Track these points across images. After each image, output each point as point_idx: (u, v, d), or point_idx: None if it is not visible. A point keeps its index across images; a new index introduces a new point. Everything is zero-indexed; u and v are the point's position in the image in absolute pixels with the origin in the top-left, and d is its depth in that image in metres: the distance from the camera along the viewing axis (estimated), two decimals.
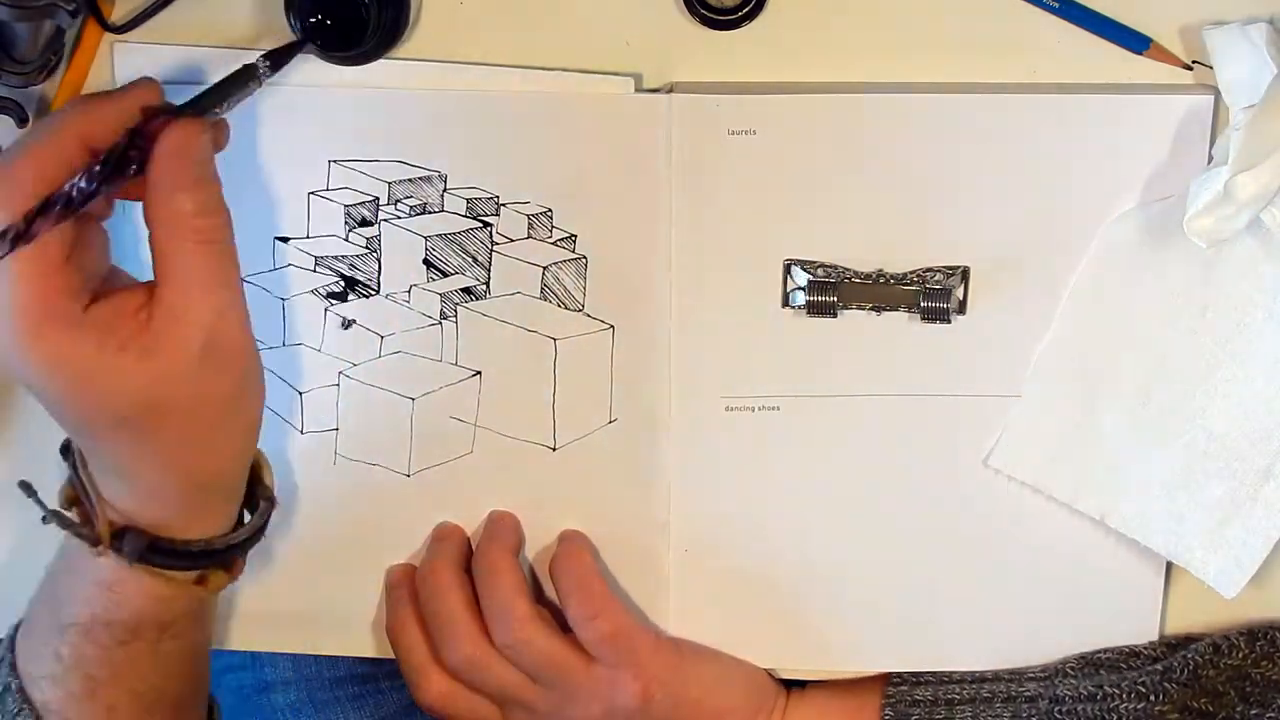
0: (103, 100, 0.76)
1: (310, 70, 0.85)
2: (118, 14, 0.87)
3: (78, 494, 0.81)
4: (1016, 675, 0.93)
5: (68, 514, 0.81)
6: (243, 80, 0.80)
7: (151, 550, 0.79)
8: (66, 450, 0.82)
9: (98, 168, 0.73)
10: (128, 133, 0.74)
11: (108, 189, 0.74)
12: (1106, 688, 0.89)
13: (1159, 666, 0.89)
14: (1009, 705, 0.91)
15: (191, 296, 0.74)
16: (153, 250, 0.75)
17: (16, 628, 0.85)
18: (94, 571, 0.80)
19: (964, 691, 0.92)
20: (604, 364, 0.90)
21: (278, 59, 0.81)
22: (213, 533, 0.81)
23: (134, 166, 0.74)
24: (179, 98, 0.81)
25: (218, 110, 0.79)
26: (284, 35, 0.84)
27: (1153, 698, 0.87)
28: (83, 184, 0.72)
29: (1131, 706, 0.88)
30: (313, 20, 0.83)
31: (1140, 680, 0.88)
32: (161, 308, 0.74)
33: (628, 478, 0.91)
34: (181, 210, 0.74)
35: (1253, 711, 0.87)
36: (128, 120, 0.75)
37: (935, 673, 0.94)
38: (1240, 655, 0.88)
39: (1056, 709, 0.89)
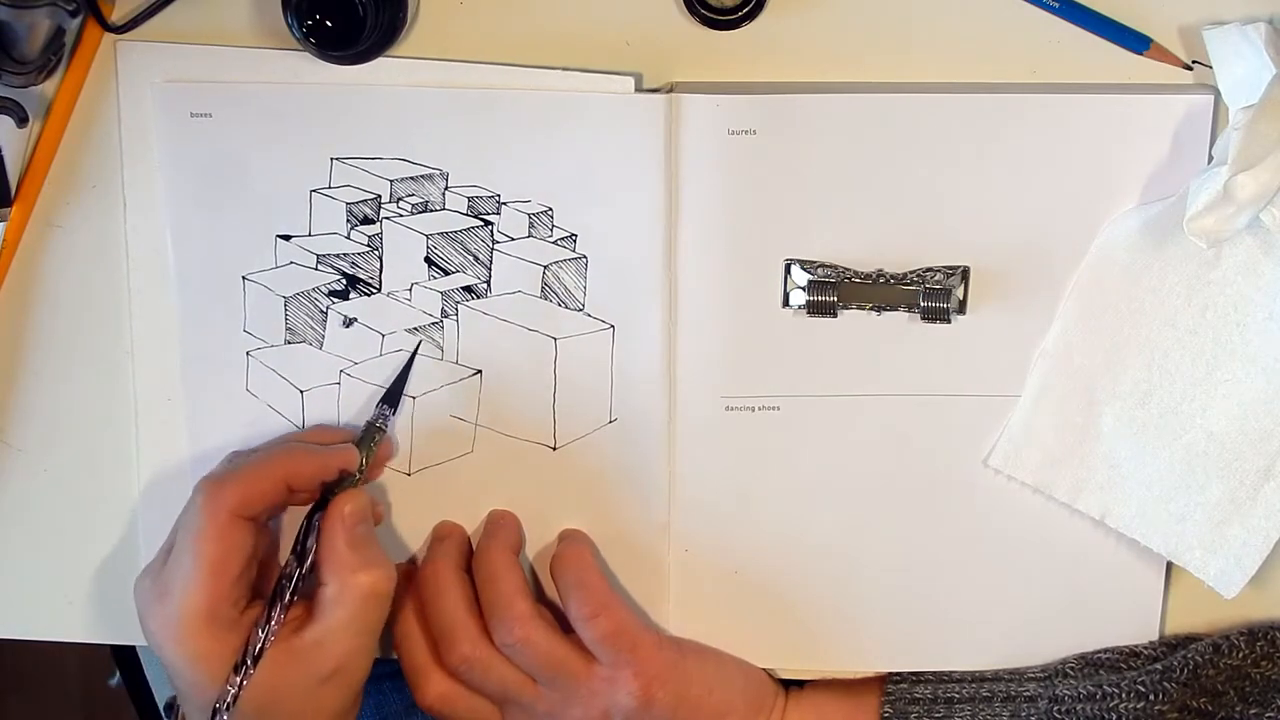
0: (311, 455, 0.87)
1: (311, 69, 0.85)
2: (118, 14, 0.87)
3: None
4: (1016, 675, 0.93)
5: None
6: (371, 436, 0.89)
7: None
8: (169, 709, 0.91)
9: (297, 554, 0.86)
10: (309, 524, 0.87)
11: (306, 565, 0.86)
12: (1106, 687, 0.89)
13: (1159, 666, 0.89)
14: (1008, 704, 0.91)
15: (339, 638, 0.85)
16: (318, 590, 0.86)
17: None
18: None
19: (963, 690, 0.92)
20: (604, 363, 0.90)
21: (393, 397, 0.90)
22: None
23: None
24: (180, 96, 0.81)
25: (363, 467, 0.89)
26: (283, 35, 0.84)
27: (1152, 697, 0.87)
28: (292, 571, 0.86)
29: (1131, 706, 0.88)
30: (310, 21, 0.83)
31: (1140, 680, 0.88)
32: (311, 636, 0.85)
33: (628, 478, 0.91)
34: (348, 564, 0.85)
35: (1252, 711, 0.87)
36: (327, 475, 0.87)
37: (934, 672, 0.94)
38: (1240, 655, 0.88)
39: (1056, 708, 0.89)
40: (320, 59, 0.84)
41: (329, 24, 0.83)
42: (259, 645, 0.83)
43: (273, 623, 0.84)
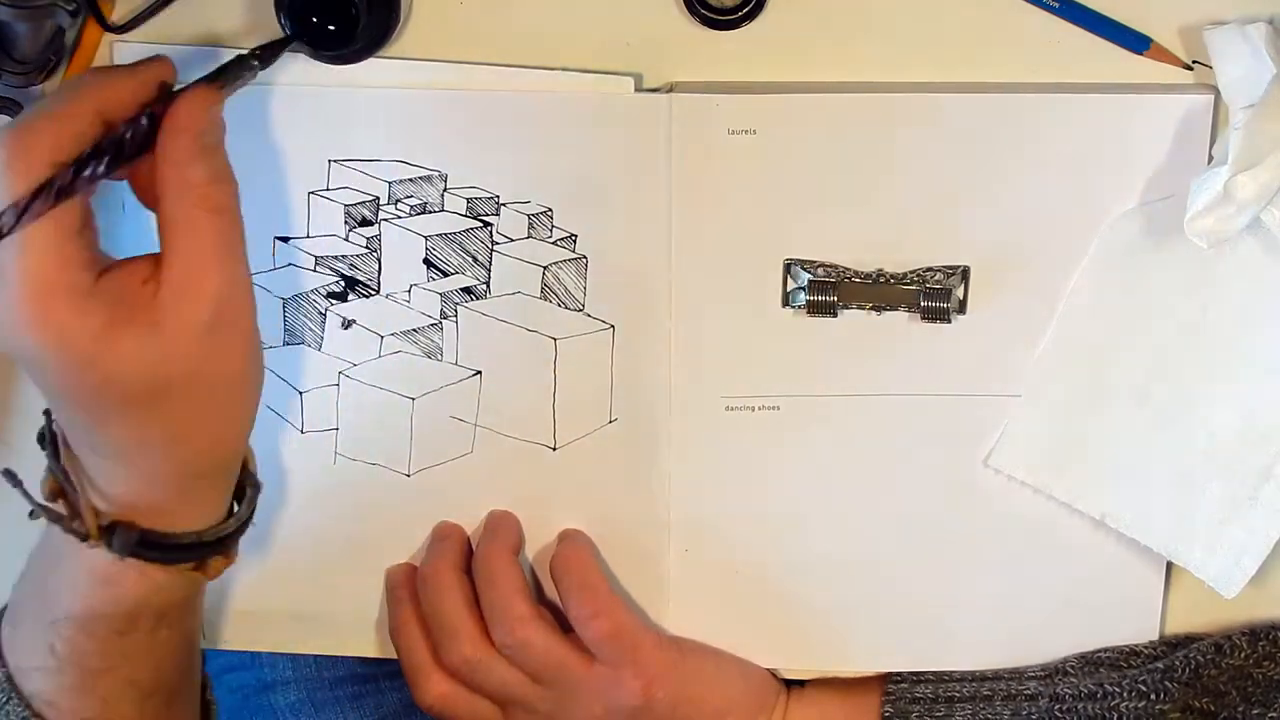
0: (120, 74, 0.73)
1: (310, 70, 0.85)
2: (118, 14, 0.87)
3: (61, 485, 0.77)
4: (1017, 674, 0.93)
5: (54, 507, 0.77)
6: (238, 68, 0.77)
7: (142, 544, 0.76)
8: (43, 439, 0.78)
9: (112, 146, 0.71)
10: (147, 115, 0.73)
11: (123, 167, 0.73)
12: (1107, 686, 0.89)
13: (1160, 665, 0.89)
14: (1009, 703, 0.91)
15: (202, 267, 0.72)
16: (161, 222, 0.72)
17: None
18: (84, 563, 0.77)
19: (964, 689, 0.92)
20: (604, 364, 0.90)
21: (268, 54, 0.79)
22: (206, 523, 0.78)
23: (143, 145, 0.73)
24: None
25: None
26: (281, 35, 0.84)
27: (1154, 696, 0.87)
28: (100, 167, 0.70)
29: (1132, 705, 0.88)
30: (303, 19, 0.83)
31: (1141, 679, 0.88)
32: (170, 280, 0.71)
33: (628, 478, 0.91)
34: (193, 178, 0.72)
35: (1255, 711, 0.87)
36: (144, 95, 0.73)
37: (935, 671, 0.94)
38: (1242, 655, 0.88)
39: (1057, 707, 0.89)
40: (313, 59, 0.84)
41: (321, 23, 0.83)
42: (73, 181, 0.69)
43: (88, 169, 0.70)
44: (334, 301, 0.90)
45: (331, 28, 0.83)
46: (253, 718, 1.05)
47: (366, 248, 0.89)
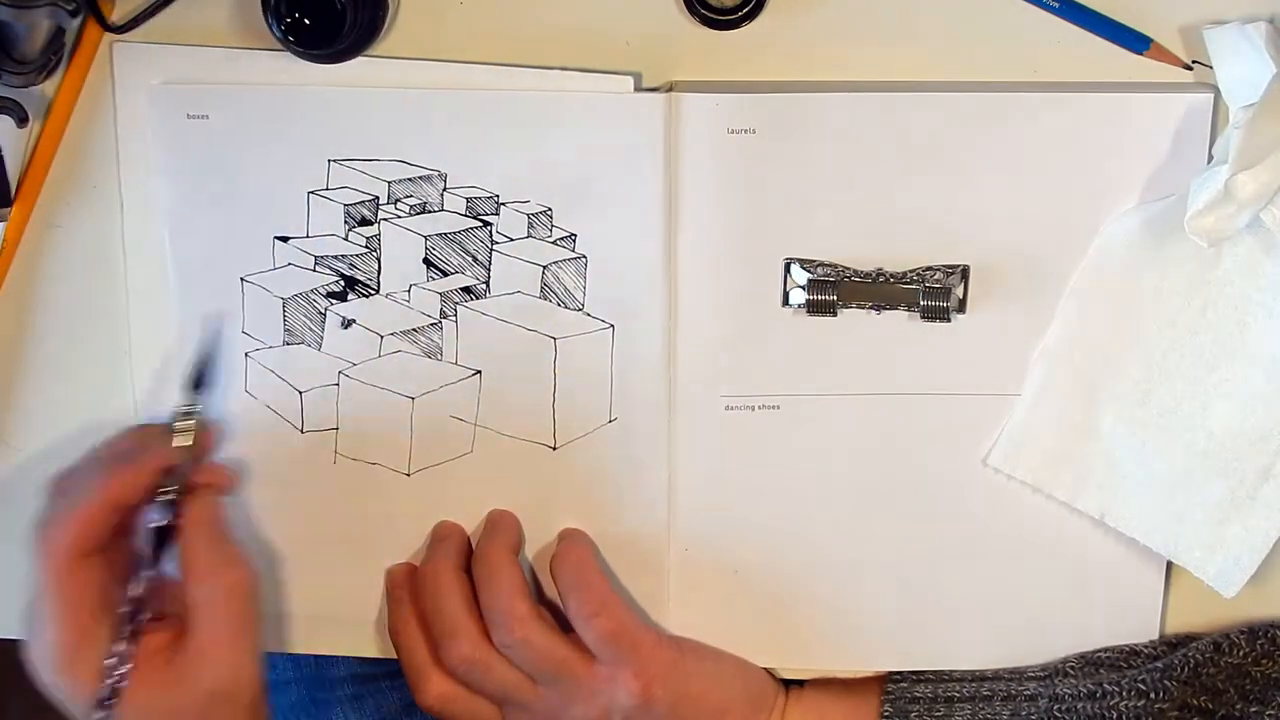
0: (126, 468, 0.86)
1: (310, 70, 0.85)
2: (118, 14, 0.87)
3: None
4: (1016, 674, 0.93)
5: None
6: (184, 425, 0.89)
7: None
8: None
9: (144, 575, 0.85)
10: (155, 537, 0.86)
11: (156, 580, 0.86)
12: (1106, 685, 0.89)
13: (1159, 664, 0.89)
14: (1009, 703, 0.91)
15: (218, 642, 0.84)
16: (185, 600, 0.85)
17: None
18: None
19: (964, 689, 0.92)
20: (604, 363, 0.90)
21: (200, 384, 0.89)
22: None
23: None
24: (177, 98, 0.81)
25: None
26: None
27: (1153, 695, 0.87)
28: (138, 592, 0.85)
29: (1131, 704, 0.88)
30: (289, 20, 0.83)
31: (1140, 678, 0.88)
32: (189, 649, 0.83)
33: (628, 477, 0.91)
34: (208, 565, 0.84)
35: (1253, 709, 0.87)
36: (150, 482, 0.86)
37: (935, 671, 0.94)
38: (1241, 653, 0.88)
39: (1056, 707, 0.89)
40: (300, 58, 0.84)
41: (308, 22, 0.83)
42: (115, 679, 0.83)
43: (125, 648, 0.84)
44: (334, 301, 0.90)
45: (319, 27, 0.83)
46: None
47: (366, 247, 0.89)
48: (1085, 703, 0.89)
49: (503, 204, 0.88)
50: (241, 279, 0.89)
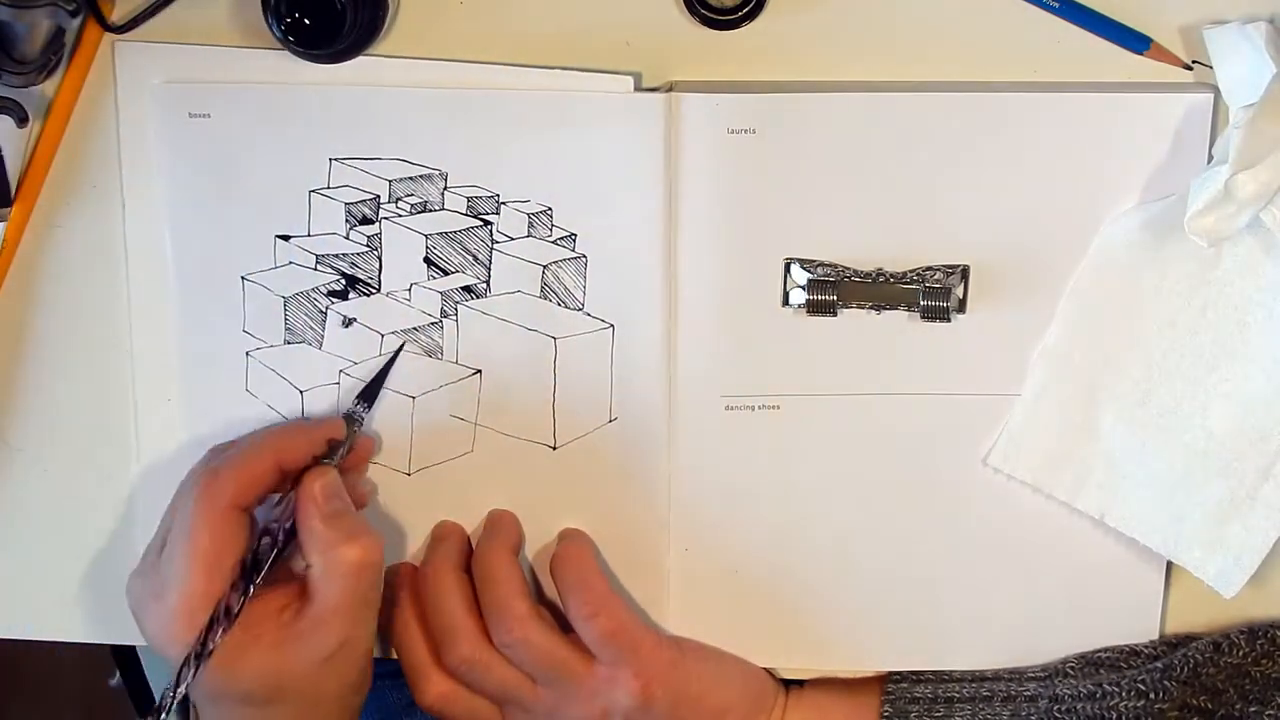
0: (297, 430, 0.88)
1: (311, 69, 0.86)
2: (118, 14, 0.87)
3: None
4: (1016, 674, 0.93)
5: None
6: (350, 428, 0.89)
7: None
8: (184, 705, 0.87)
9: (283, 529, 0.86)
10: (291, 508, 0.86)
11: (283, 554, 0.86)
12: (1106, 686, 0.89)
13: (1159, 665, 0.89)
14: (1008, 704, 0.91)
15: (335, 615, 0.84)
16: (309, 572, 0.85)
17: None
18: None
19: (963, 690, 0.92)
20: (604, 363, 0.90)
21: (370, 394, 0.90)
22: None
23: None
24: (179, 97, 0.82)
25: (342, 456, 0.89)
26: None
27: (1153, 695, 0.87)
28: (277, 540, 0.86)
29: (1131, 705, 0.88)
30: (289, 20, 0.83)
31: (1140, 679, 0.88)
32: (308, 617, 0.84)
33: (628, 477, 0.91)
34: (327, 540, 0.85)
35: (1252, 709, 0.87)
36: (316, 450, 0.87)
37: (935, 671, 0.94)
38: (1240, 653, 0.88)
39: (1056, 708, 0.89)
40: (300, 58, 0.84)
41: (308, 22, 0.83)
42: (238, 604, 0.83)
43: (255, 579, 0.84)
44: (335, 300, 0.90)
45: (319, 27, 0.83)
46: None
47: (367, 246, 0.89)
48: (1085, 703, 0.89)
49: (503, 203, 0.88)
50: (242, 278, 0.89)
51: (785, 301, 0.88)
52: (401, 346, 0.90)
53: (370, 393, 0.90)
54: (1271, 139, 0.79)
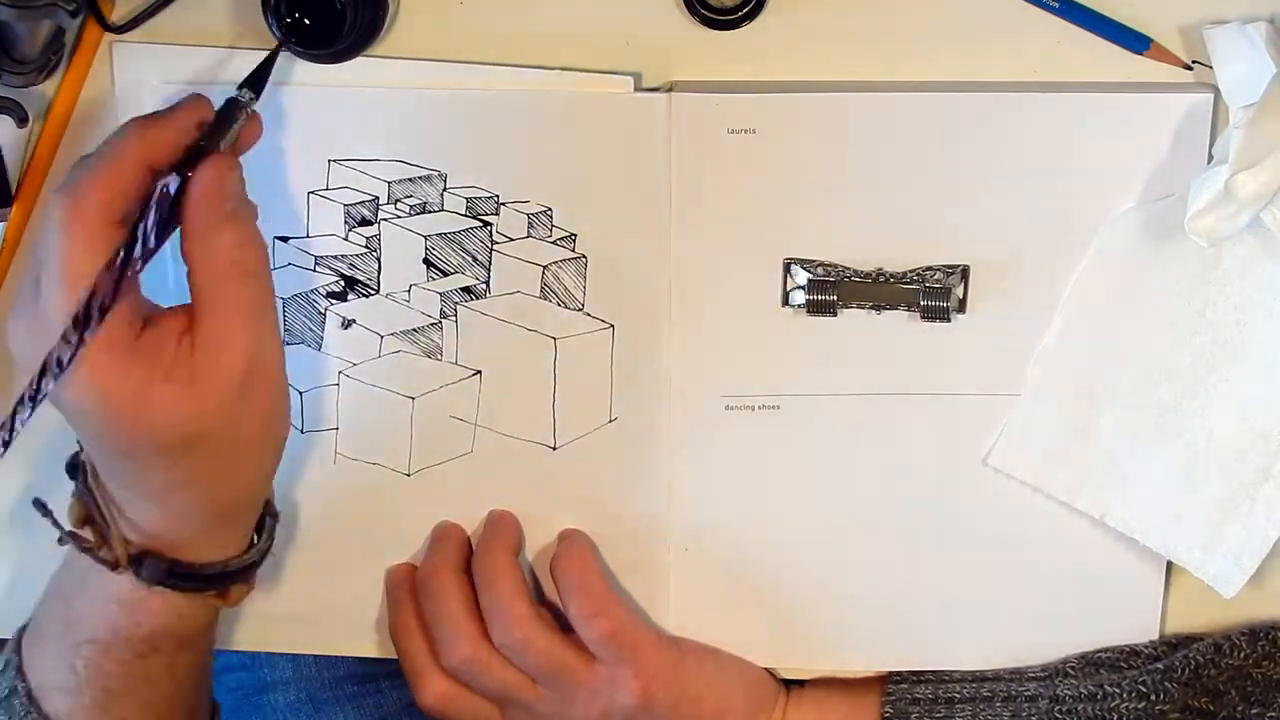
0: (159, 121, 0.77)
1: (310, 70, 0.85)
2: (118, 14, 0.87)
3: (90, 513, 0.80)
4: (1017, 674, 0.93)
5: (83, 534, 0.80)
6: (231, 115, 0.79)
7: (170, 574, 0.80)
8: (74, 468, 0.82)
9: (153, 228, 0.75)
10: (179, 186, 0.76)
11: (164, 240, 0.75)
12: (1107, 687, 0.89)
13: (1160, 666, 0.89)
14: (1009, 704, 0.91)
15: (233, 327, 0.75)
16: (192, 284, 0.76)
17: (21, 632, 0.85)
18: (110, 589, 0.80)
19: (964, 690, 0.92)
20: (604, 363, 0.90)
21: (256, 82, 0.81)
22: (229, 554, 0.82)
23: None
24: (177, 98, 0.82)
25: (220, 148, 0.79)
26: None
27: (1154, 697, 0.87)
28: (149, 244, 0.75)
29: (1132, 706, 0.88)
30: (289, 20, 0.83)
31: (1141, 679, 0.88)
32: (204, 338, 0.75)
33: (628, 477, 0.91)
34: (220, 245, 0.75)
35: (1254, 711, 0.87)
36: (185, 139, 0.77)
37: (936, 671, 0.94)
38: (1242, 655, 0.88)
39: (1057, 708, 0.89)
40: (301, 58, 0.84)
41: (308, 22, 0.83)
42: (72, 348, 0.72)
43: (93, 316, 0.73)
44: (334, 301, 0.90)
45: (319, 27, 0.83)
46: (253, 717, 1.05)
47: (366, 247, 0.89)
48: (1086, 704, 0.89)
49: (503, 204, 0.88)
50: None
51: (785, 302, 0.88)
52: (279, 46, 0.83)
53: (257, 79, 0.81)
54: (1272, 139, 0.79)
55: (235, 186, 0.77)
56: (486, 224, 0.88)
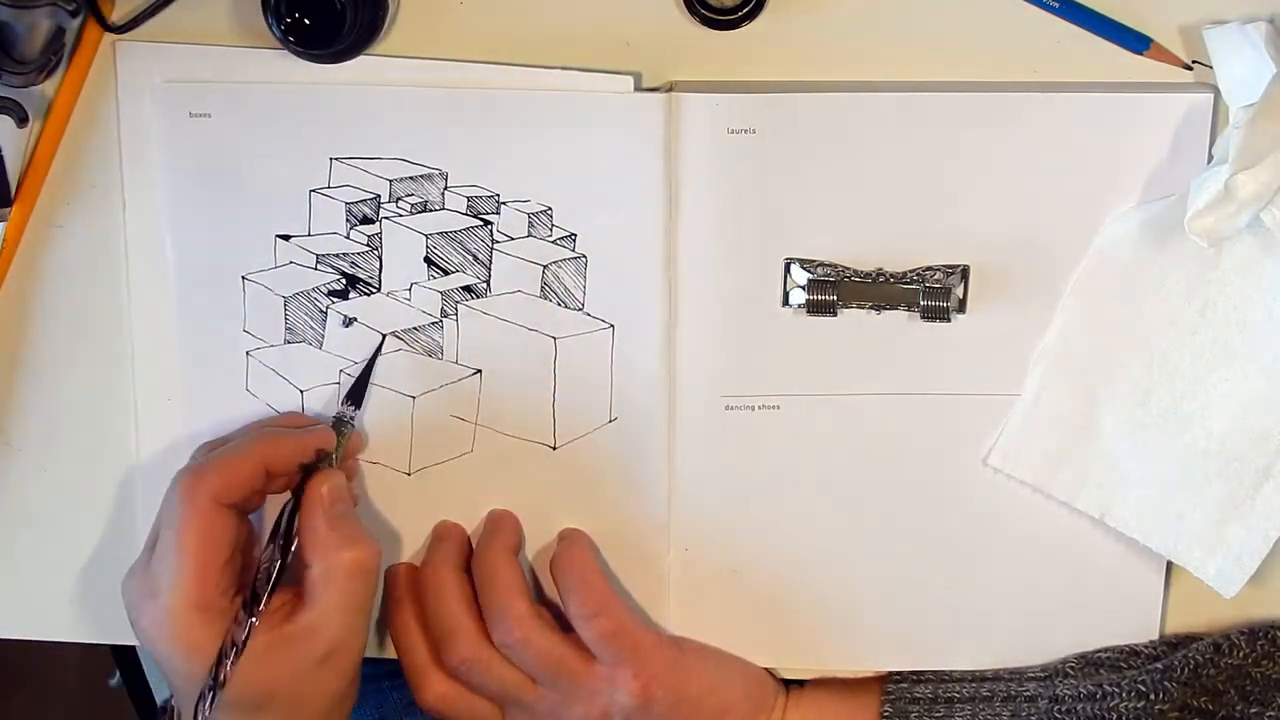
0: (287, 439, 0.87)
1: (312, 69, 0.86)
2: (118, 14, 0.87)
3: None
4: (1016, 674, 0.93)
5: None
6: (339, 428, 0.89)
7: None
8: (165, 712, 0.89)
9: (281, 542, 0.86)
10: (293, 507, 0.87)
11: (290, 552, 0.86)
12: (1106, 686, 0.89)
13: (1159, 665, 0.89)
14: (1008, 704, 0.91)
15: (331, 619, 0.85)
16: (306, 576, 0.85)
17: None
18: None
19: (964, 690, 0.92)
20: (604, 363, 0.90)
21: (357, 395, 0.90)
22: None
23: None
24: (179, 96, 0.81)
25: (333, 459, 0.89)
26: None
27: (1153, 696, 0.87)
28: (277, 558, 0.86)
29: (1131, 705, 0.88)
30: (289, 20, 0.83)
31: (1140, 679, 0.88)
32: (302, 621, 0.84)
33: (628, 477, 0.91)
34: (330, 545, 0.85)
35: (1253, 710, 0.87)
36: (303, 458, 0.87)
37: (935, 671, 0.94)
38: (1241, 654, 0.88)
39: (1056, 708, 0.89)
40: (301, 58, 0.84)
41: (308, 22, 0.83)
42: (244, 634, 0.83)
43: (258, 608, 0.84)
44: (335, 299, 0.90)
45: (318, 27, 0.83)
46: None
47: (367, 246, 0.89)
48: (1085, 704, 0.89)
49: (503, 203, 0.88)
50: (243, 277, 0.89)
51: (785, 301, 0.88)
52: (383, 341, 0.90)
53: (357, 393, 0.90)
54: (1272, 139, 0.79)
55: (341, 494, 0.87)
56: (487, 223, 0.88)
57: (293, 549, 0.86)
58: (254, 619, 0.83)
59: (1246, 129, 0.79)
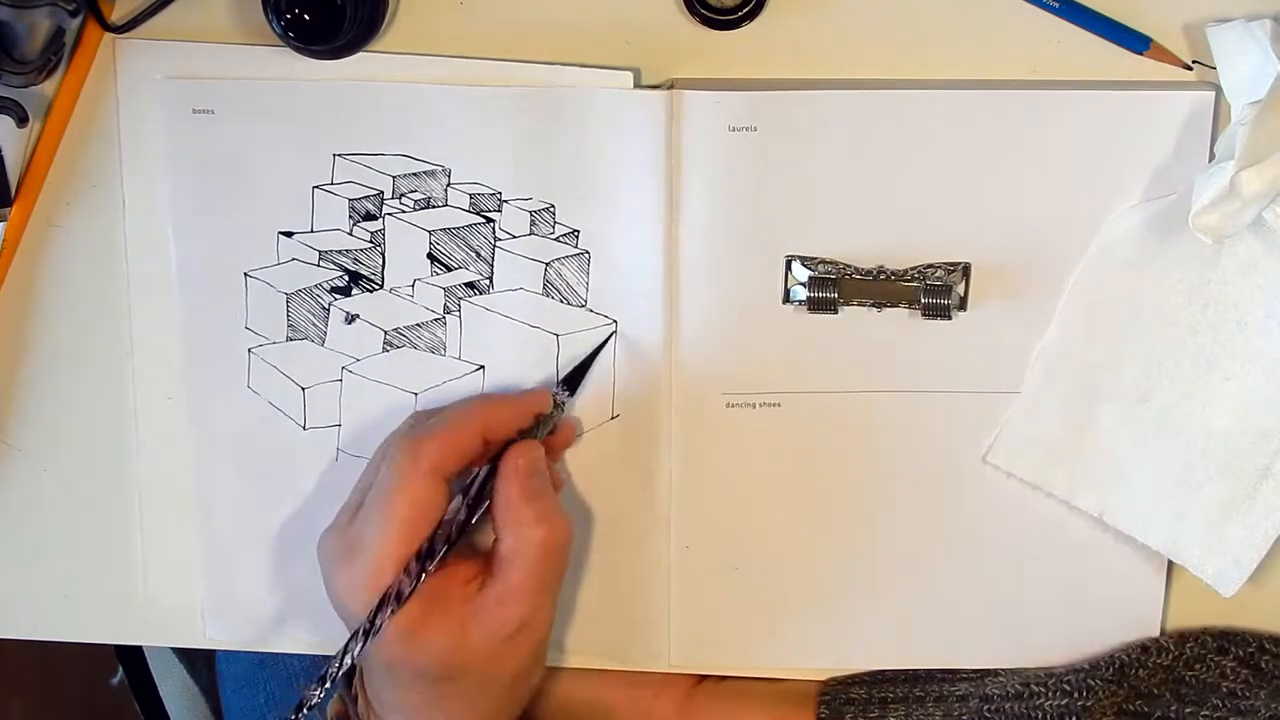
0: (505, 402, 0.87)
1: (314, 65, 0.86)
2: (118, 13, 0.87)
3: (348, 711, 0.88)
4: (950, 674, 0.93)
5: None
6: (550, 412, 0.88)
7: None
8: (349, 677, 0.88)
9: (469, 503, 0.84)
10: (488, 471, 0.85)
11: (477, 514, 0.85)
12: (1034, 685, 0.89)
13: (1085, 664, 0.90)
14: (940, 704, 0.91)
15: (520, 594, 0.83)
16: (496, 549, 0.84)
17: None
18: None
19: (898, 691, 0.92)
20: (606, 360, 0.90)
21: (573, 381, 0.90)
22: None
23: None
24: (182, 92, 0.81)
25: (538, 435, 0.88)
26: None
27: (1076, 694, 0.88)
28: (461, 518, 0.84)
29: (1055, 703, 0.88)
30: (289, 16, 0.83)
31: (1066, 677, 0.89)
32: (491, 594, 0.83)
33: (629, 474, 0.91)
34: (524, 518, 0.83)
35: (1188, 710, 0.87)
36: (522, 423, 0.86)
37: (870, 673, 0.94)
38: (1169, 656, 0.89)
39: (986, 707, 0.89)
40: (301, 54, 0.84)
41: (308, 19, 0.83)
42: (412, 585, 0.81)
43: (430, 563, 0.82)
44: (337, 296, 0.90)
45: (319, 23, 0.83)
46: (252, 716, 1.05)
47: (370, 242, 0.89)
48: (1013, 702, 0.89)
49: (506, 200, 0.88)
50: (245, 274, 0.89)
51: (786, 299, 0.89)
52: (611, 334, 0.90)
53: (574, 379, 0.90)
54: (1276, 136, 0.79)
55: (539, 468, 0.85)
56: (490, 220, 0.88)
57: (478, 513, 0.84)
58: (426, 571, 0.82)
59: (1252, 126, 0.79)
